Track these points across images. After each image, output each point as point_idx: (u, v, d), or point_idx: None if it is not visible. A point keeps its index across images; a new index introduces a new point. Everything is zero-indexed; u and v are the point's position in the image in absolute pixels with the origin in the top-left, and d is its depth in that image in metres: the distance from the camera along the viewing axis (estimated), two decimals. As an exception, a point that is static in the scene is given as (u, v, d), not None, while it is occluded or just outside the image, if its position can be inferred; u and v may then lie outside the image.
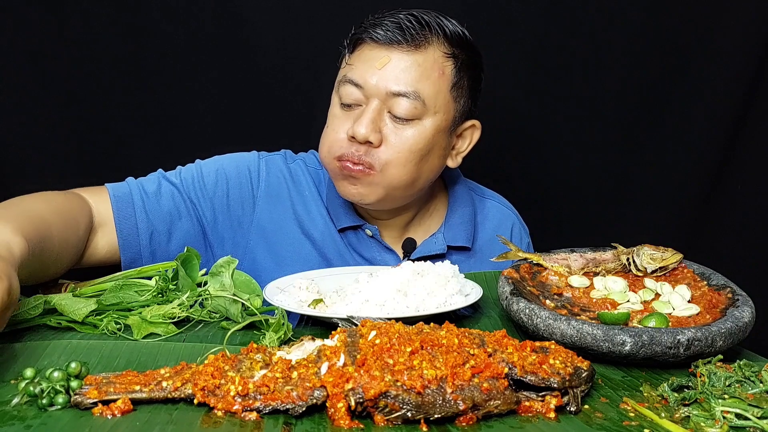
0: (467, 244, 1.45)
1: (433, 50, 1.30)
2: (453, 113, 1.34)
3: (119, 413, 0.79)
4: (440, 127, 1.32)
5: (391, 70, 1.28)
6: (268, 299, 1.13)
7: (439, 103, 1.30)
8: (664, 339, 0.92)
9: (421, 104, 1.28)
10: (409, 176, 1.32)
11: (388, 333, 0.85)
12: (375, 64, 1.28)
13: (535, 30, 1.90)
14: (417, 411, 0.77)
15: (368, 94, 1.29)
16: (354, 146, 1.29)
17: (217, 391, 0.81)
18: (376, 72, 1.28)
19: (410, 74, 1.28)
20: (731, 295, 1.05)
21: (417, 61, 1.28)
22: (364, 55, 1.30)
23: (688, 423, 0.79)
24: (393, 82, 1.27)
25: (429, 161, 1.33)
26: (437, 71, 1.29)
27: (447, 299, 1.12)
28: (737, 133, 1.93)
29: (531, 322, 1.00)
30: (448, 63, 1.31)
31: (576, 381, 0.83)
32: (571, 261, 1.20)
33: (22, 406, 0.81)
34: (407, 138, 1.29)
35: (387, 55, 1.28)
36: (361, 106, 1.30)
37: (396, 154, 1.29)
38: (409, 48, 1.28)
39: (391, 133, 1.29)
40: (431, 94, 1.29)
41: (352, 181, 1.32)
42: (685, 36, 1.90)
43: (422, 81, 1.28)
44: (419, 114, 1.29)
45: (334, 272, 1.32)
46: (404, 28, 1.28)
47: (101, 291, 1.15)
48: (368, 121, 1.27)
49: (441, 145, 1.34)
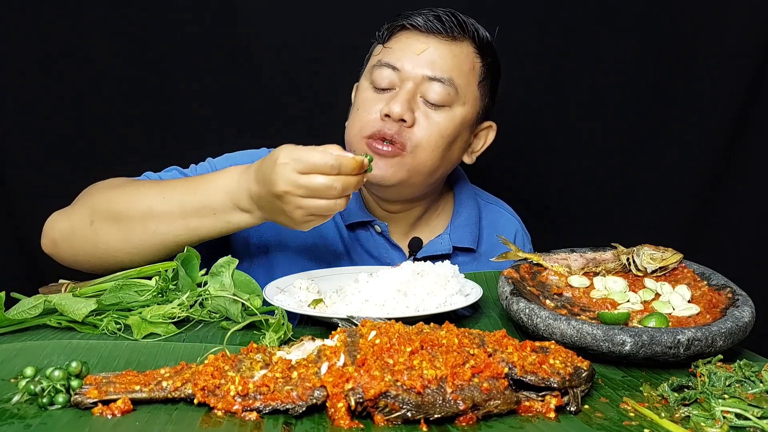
0: (472, 245, 1.46)
1: (467, 46, 1.36)
2: (478, 108, 1.40)
3: (119, 413, 0.79)
4: (466, 119, 1.37)
5: (428, 56, 1.33)
6: (268, 299, 1.13)
7: (468, 94, 1.36)
8: (664, 339, 0.92)
9: (454, 91, 1.34)
10: (434, 162, 1.35)
11: (388, 333, 0.85)
12: (414, 49, 1.33)
13: (535, 31, 1.90)
14: (417, 411, 0.77)
15: (404, 77, 1.33)
16: (387, 124, 1.32)
17: (217, 391, 0.81)
18: (413, 57, 1.33)
19: (446, 62, 1.34)
20: (731, 295, 1.05)
21: (453, 51, 1.35)
22: (402, 41, 1.36)
23: (688, 423, 0.79)
24: (429, 68, 1.33)
25: (453, 150, 1.38)
26: (469, 64, 1.36)
27: (447, 299, 1.12)
28: (737, 133, 1.93)
29: (531, 322, 1.00)
30: (478, 60, 1.38)
31: (576, 381, 0.83)
32: (571, 261, 1.20)
33: (22, 404, 0.81)
34: (438, 122, 1.33)
35: (425, 42, 1.33)
36: (395, 89, 1.34)
37: (428, 136, 1.33)
38: (446, 38, 1.34)
39: (422, 116, 1.33)
40: (463, 84, 1.35)
41: (380, 159, 1.32)
42: (686, 37, 1.90)
43: (456, 70, 1.34)
44: (451, 101, 1.34)
45: (334, 272, 1.32)
46: (443, 20, 1.34)
47: (101, 291, 1.15)
48: (404, 100, 1.31)
49: (464, 137, 1.40)
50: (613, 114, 1.95)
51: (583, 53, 1.91)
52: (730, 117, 1.92)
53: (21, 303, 1.11)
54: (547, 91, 1.95)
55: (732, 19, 1.87)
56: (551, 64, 1.92)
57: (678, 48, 1.90)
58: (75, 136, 1.92)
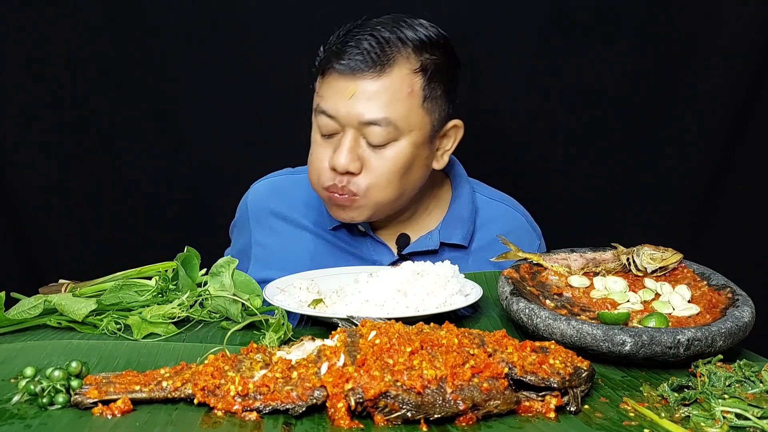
0: (463, 242, 1.45)
1: (399, 69, 1.29)
2: (429, 125, 1.34)
3: (119, 413, 0.79)
4: (418, 143, 1.32)
5: (359, 100, 1.28)
6: (268, 299, 1.13)
7: (412, 121, 1.30)
8: (664, 339, 0.92)
9: (394, 128, 1.29)
10: (393, 194, 1.34)
11: (388, 333, 0.85)
12: (344, 93, 1.28)
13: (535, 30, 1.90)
14: (417, 411, 0.77)
15: (342, 123, 1.30)
16: (337, 177, 1.32)
17: (217, 391, 0.81)
18: (345, 102, 1.28)
19: (379, 101, 1.28)
20: (731, 295, 1.05)
21: (384, 85, 1.28)
22: (332, 85, 1.31)
23: (688, 423, 0.79)
24: (363, 112, 1.28)
25: (411, 174, 1.35)
26: (406, 90, 1.29)
27: (447, 299, 1.12)
28: (737, 133, 1.93)
29: (531, 322, 1.00)
30: (416, 78, 1.30)
31: (576, 381, 0.83)
32: (571, 261, 1.20)
33: (22, 404, 0.81)
34: (386, 161, 1.31)
35: (354, 84, 1.28)
36: (339, 134, 1.32)
37: (377, 178, 1.31)
38: (374, 74, 1.27)
39: (370, 157, 1.31)
40: (403, 116, 1.29)
41: (341, 208, 1.35)
42: (685, 36, 1.90)
43: (392, 105, 1.28)
44: (394, 137, 1.30)
45: (334, 272, 1.32)
46: (366, 53, 1.27)
47: (101, 291, 1.15)
48: (345, 152, 1.29)
49: (422, 156, 1.35)
50: (613, 114, 1.95)
51: (583, 53, 1.91)
52: (730, 117, 1.92)
53: (21, 303, 1.11)
54: (546, 90, 1.94)
55: (732, 19, 1.87)
56: (551, 63, 1.92)
57: (678, 48, 1.90)
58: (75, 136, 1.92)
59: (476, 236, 1.48)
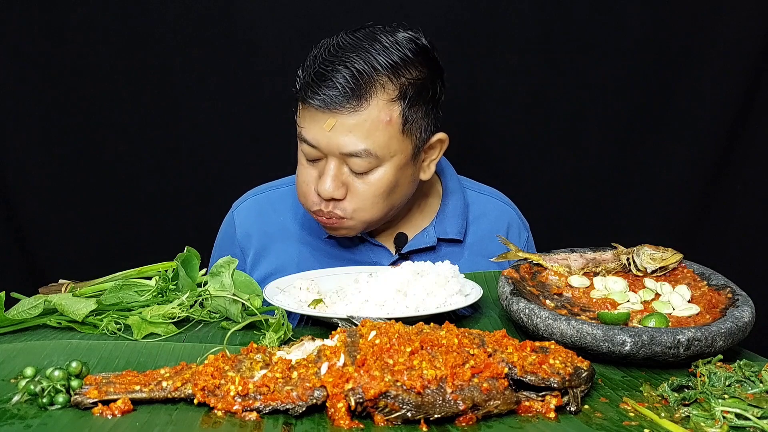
0: (458, 236, 1.46)
1: (376, 100, 1.28)
2: (411, 147, 1.33)
3: (119, 413, 0.79)
4: (400, 165, 1.33)
5: (338, 132, 1.28)
6: (268, 299, 1.13)
7: (392, 148, 1.31)
8: (664, 339, 0.92)
9: (375, 158, 1.29)
10: (380, 213, 1.36)
11: (388, 333, 0.85)
12: (322, 126, 1.28)
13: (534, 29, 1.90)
14: (417, 411, 0.77)
15: (324, 152, 1.31)
16: (323, 203, 1.33)
17: (217, 391, 0.81)
18: (325, 134, 1.29)
19: (358, 133, 1.28)
20: (731, 295, 1.05)
21: (361, 117, 1.27)
22: (311, 117, 1.30)
23: (688, 423, 0.79)
24: (342, 144, 1.28)
25: (397, 192, 1.36)
26: (384, 119, 1.28)
27: (447, 299, 1.12)
28: (737, 132, 1.93)
29: (531, 322, 1.00)
30: (394, 107, 1.29)
31: (576, 381, 0.83)
32: (571, 261, 1.20)
33: (22, 404, 0.81)
34: (369, 185, 1.32)
35: (332, 117, 1.28)
36: (323, 159, 1.33)
37: (362, 202, 1.33)
38: (350, 108, 1.27)
39: (354, 182, 1.32)
40: (382, 145, 1.29)
41: (331, 228, 1.38)
42: (685, 35, 1.90)
43: (371, 137, 1.28)
44: (376, 164, 1.31)
45: (334, 272, 1.32)
46: (341, 87, 1.26)
47: (101, 291, 1.15)
48: (330, 180, 1.31)
49: (407, 174, 1.36)
50: (613, 113, 1.95)
51: (583, 52, 1.91)
52: (730, 116, 1.92)
53: (21, 303, 1.11)
54: (545, 90, 1.94)
55: (732, 19, 1.87)
56: (551, 63, 1.92)
57: (678, 48, 1.90)
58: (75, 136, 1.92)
59: (470, 230, 1.49)
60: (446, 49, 1.90)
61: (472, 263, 1.43)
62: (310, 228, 1.47)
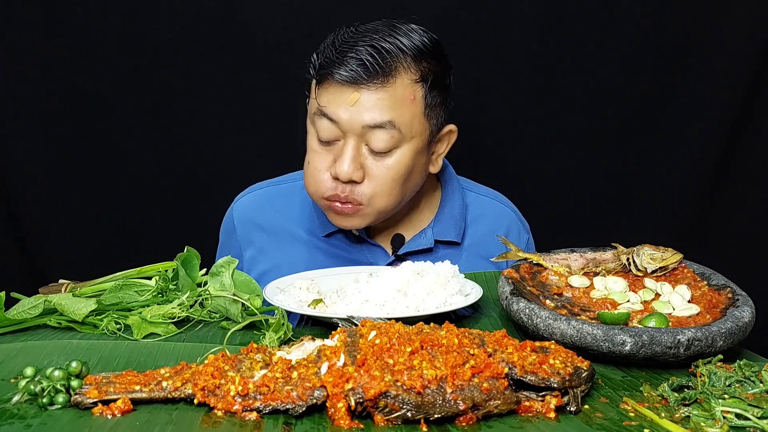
0: (456, 239, 1.45)
1: (402, 79, 1.28)
2: (429, 132, 1.34)
3: (119, 413, 0.79)
4: (418, 149, 1.33)
5: (363, 106, 1.27)
6: (268, 299, 1.13)
7: (414, 128, 1.30)
8: (664, 339, 0.92)
9: (398, 132, 1.28)
10: (395, 200, 1.35)
11: (388, 333, 0.85)
12: (346, 99, 1.27)
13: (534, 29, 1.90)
14: (417, 411, 0.77)
15: (344, 129, 1.29)
16: (339, 186, 1.31)
17: (217, 391, 0.81)
18: (348, 108, 1.27)
19: (383, 105, 1.27)
20: (731, 295, 1.05)
21: (387, 92, 1.27)
22: (333, 92, 1.29)
23: (688, 423, 0.79)
24: (367, 116, 1.27)
25: (411, 180, 1.36)
26: (409, 97, 1.29)
27: (447, 299, 1.12)
28: (737, 133, 1.93)
29: (531, 322, 1.00)
30: (418, 87, 1.30)
31: (576, 381, 0.83)
32: (571, 261, 1.20)
33: (22, 404, 0.81)
34: (389, 168, 1.31)
35: (356, 91, 1.27)
36: (339, 141, 1.30)
37: (380, 186, 1.31)
38: (376, 84, 1.27)
39: (372, 165, 1.30)
40: (406, 121, 1.29)
41: (343, 216, 1.35)
42: (685, 35, 1.90)
43: (396, 109, 1.28)
44: (397, 143, 1.29)
45: (334, 272, 1.32)
46: (368, 64, 1.26)
47: (101, 291, 1.15)
48: (349, 160, 1.28)
49: (421, 162, 1.36)
50: (613, 113, 1.95)
51: (582, 52, 1.91)
52: (730, 117, 1.92)
53: (21, 303, 1.11)
54: (545, 90, 1.94)
55: (732, 19, 1.87)
56: (551, 62, 1.92)
57: (678, 48, 1.90)
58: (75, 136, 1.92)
59: (468, 232, 1.49)
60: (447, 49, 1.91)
61: (470, 265, 1.42)
62: (308, 226, 1.46)
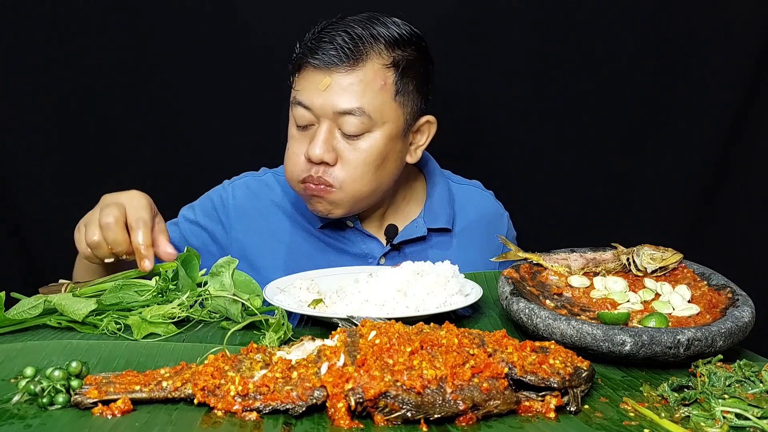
0: (447, 225, 1.49)
1: (372, 63, 1.33)
2: (402, 119, 1.37)
3: (119, 413, 0.79)
4: (391, 135, 1.35)
5: (334, 91, 1.32)
6: (268, 299, 1.13)
7: (385, 113, 1.34)
8: (664, 339, 0.92)
9: (368, 118, 1.32)
10: (368, 187, 1.37)
11: (388, 333, 0.85)
12: (318, 84, 1.32)
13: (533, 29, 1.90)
14: (417, 411, 0.77)
15: (317, 114, 1.33)
16: (313, 168, 1.35)
17: (217, 391, 0.81)
18: (320, 94, 1.32)
19: (352, 91, 1.31)
20: (731, 295, 1.05)
21: (357, 77, 1.32)
22: (308, 78, 1.35)
23: (688, 423, 0.79)
24: (337, 102, 1.32)
25: (386, 168, 1.38)
26: (379, 83, 1.33)
27: (447, 299, 1.12)
28: (737, 133, 1.93)
29: (531, 322, 1.00)
30: (389, 73, 1.34)
31: (576, 381, 0.83)
32: (571, 261, 1.20)
33: (22, 404, 0.81)
34: (360, 152, 1.34)
35: (328, 76, 1.32)
36: (314, 126, 1.35)
37: (352, 170, 1.34)
38: (347, 67, 1.32)
39: (344, 149, 1.34)
40: (376, 107, 1.32)
41: (317, 200, 1.37)
42: (686, 35, 1.90)
43: (365, 96, 1.32)
44: (368, 128, 1.33)
45: (334, 272, 1.32)
46: (339, 48, 1.31)
47: (101, 291, 1.15)
48: (321, 142, 1.33)
49: (395, 149, 1.38)
50: (613, 113, 1.95)
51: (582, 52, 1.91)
52: (730, 117, 1.92)
53: (21, 303, 1.11)
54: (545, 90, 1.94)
55: (732, 19, 1.87)
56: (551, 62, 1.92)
57: (678, 47, 1.90)
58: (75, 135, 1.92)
59: (457, 220, 1.52)
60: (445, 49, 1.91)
61: (461, 251, 1.46)
62: (305, 214, 1.48)
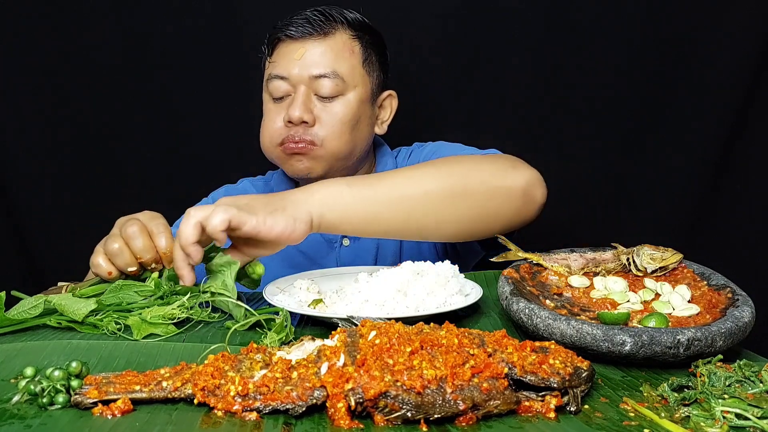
0: None
1: (340, 35, 1.49)
2: (370, 85, 1.53)
3: (119, 413, 0.79)
4: (362, 98, 1.50)
5: (309, 58, 1.47)
6: (268, 299, 1.13)
7: (356, 77, 1.49)
8: (664, 339, 0.92)
9: (341, 81, 1.47)
10: (346, 146, 1.49)
11: (388, 333, 0.85)
12: (294, 55, 1.46)
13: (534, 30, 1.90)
14: (417, 411, 0.77)
15: (294, 83, 1.47)
16: (293, 129, 1.46)
17: (217, 391, 0.81)
18: (296, 63, 1.47)
19: (326, 57, 1.47)
20: (731, 295, 1.05)
21: (329, 45, 1.48)
22: (283, 51, 1.49)
23: (688, 423, 0.79)
24: (313, 67, 1.46)
25: (360, 130, 1.51)
26: (348, 51, 1.49)
27: (447, 299, 1.12)
28: (737, 133, 1.93)
29: (531, 322, 1.00)
30: (355, 43, 1.51)
31: (576, 381, 0.83)
32: (571, 261, 1.20)
33: (22, 404, 0.81)
34: (336, 113, 1.47)
35: (303, 45, 1.47)
36: (291, 95, 1.47)
37: (331, 128, 1.47)
38: (319, 37, 1.47)
39: (321, 111, 1.47)
40: (347, 71, 1.48)
41: (298, 158, 1.48)
42: (685, 36, 1.90)
43: (337, 61, 1.47)
44: (341, 90, 1.47)
45: (333, 272, 1.32)
46: (312, 21, 1.47)
47: (101, 291, 1.15)
48: (300, 104, 1.45)
49: (366, 114, 1.52)
50: (613, 113, 1.95)
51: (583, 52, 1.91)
52: (730, 117, 1.92)
53: (21, 303, 1.11)
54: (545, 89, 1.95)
55: (732, 19, 1.87)
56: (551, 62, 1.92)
57: (678, 47, 1.90)
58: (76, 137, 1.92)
59: None
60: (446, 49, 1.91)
61: None
62: None
